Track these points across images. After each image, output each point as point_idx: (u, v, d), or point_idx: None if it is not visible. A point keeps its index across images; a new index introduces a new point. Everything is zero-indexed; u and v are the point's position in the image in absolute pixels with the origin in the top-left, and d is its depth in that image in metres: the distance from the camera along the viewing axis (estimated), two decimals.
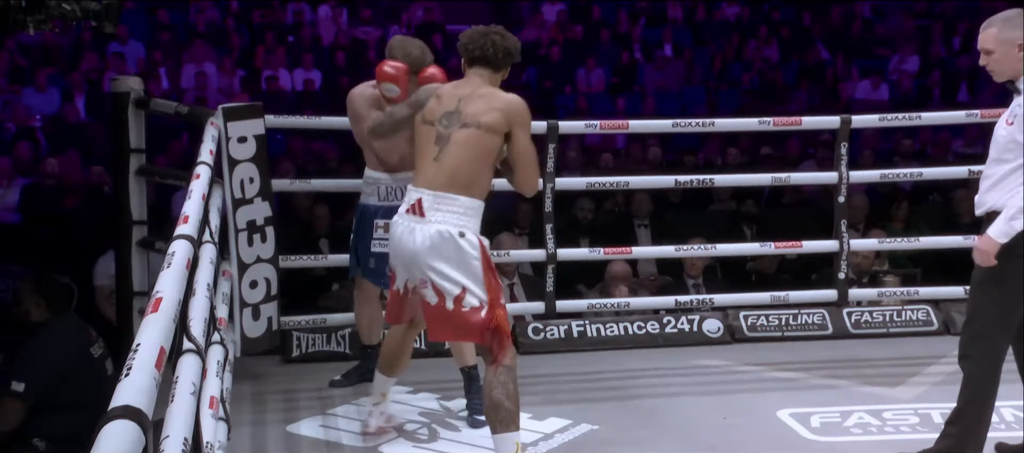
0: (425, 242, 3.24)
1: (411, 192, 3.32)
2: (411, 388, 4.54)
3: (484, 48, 3.37)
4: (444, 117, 3.30)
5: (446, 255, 3.23)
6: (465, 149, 3.25)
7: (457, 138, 3.26)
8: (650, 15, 12.92)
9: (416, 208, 3.26)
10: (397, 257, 3.35)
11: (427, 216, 3.24)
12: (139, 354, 1.64)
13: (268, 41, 11.79)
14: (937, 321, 5.24)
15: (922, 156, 9.73)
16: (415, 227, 3.26)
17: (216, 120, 4.32)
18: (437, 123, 3.31)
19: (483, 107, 3.27)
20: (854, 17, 13.42)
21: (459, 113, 3.28)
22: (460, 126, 3.26)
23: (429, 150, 3.30)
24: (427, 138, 3.32)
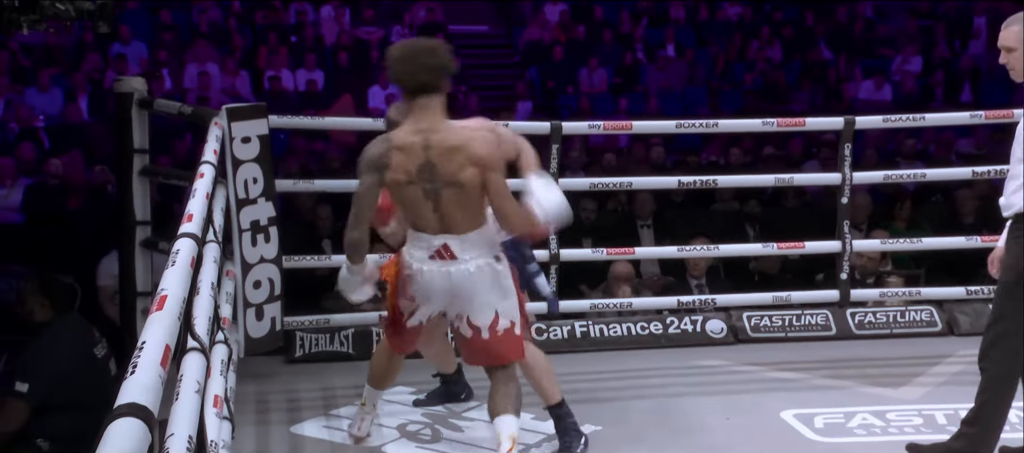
0: (465, 280, 3.26)
1: (429, 239, 3.26)
2: (414, 389, 4.54)
3: (416, 76, 3.16)
4: (420, 172, 3.18)
5: (485, 285, 3.28)
6: (458, 204, 3.21)
7: (446, 196, 3.20)
8: (652, 15, 12.93)
9: (444, 253, 3.24)
10: (427, 296, 3.33)
11: (459, 257, 3.25)
12: (144, 352, 1.64)
13: (271, 41, 11.81)
14: (941, 322, 5.23)
15: (925, 156, 9.73)
16: (449, 270, 3.26)
17: (220, 120, 4.32)
18: (417, 181, 3.19)
19: (457, 163, 3.16)
20: (857, 17, 13.42)
21: (434, 167, 3.17)
22: (444, 185, 3.19)
23: (424, 204, 3.22)
24: (415, 196, 3.22)
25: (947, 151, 9.78)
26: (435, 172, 3.17)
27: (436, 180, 3.18)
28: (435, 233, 3.25)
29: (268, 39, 11.87)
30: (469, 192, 3.19)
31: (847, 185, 4.97)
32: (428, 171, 3.17)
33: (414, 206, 3.24)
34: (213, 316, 2.99)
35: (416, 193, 3.20)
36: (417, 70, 3.15)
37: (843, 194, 4.98)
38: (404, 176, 3.19)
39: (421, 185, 3.19)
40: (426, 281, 3.29)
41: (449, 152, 3.16)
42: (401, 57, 3.19)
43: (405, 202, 3.27)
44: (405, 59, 3.18)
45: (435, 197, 3.20)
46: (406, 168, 3.18)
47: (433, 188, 3.19)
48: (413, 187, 3.20)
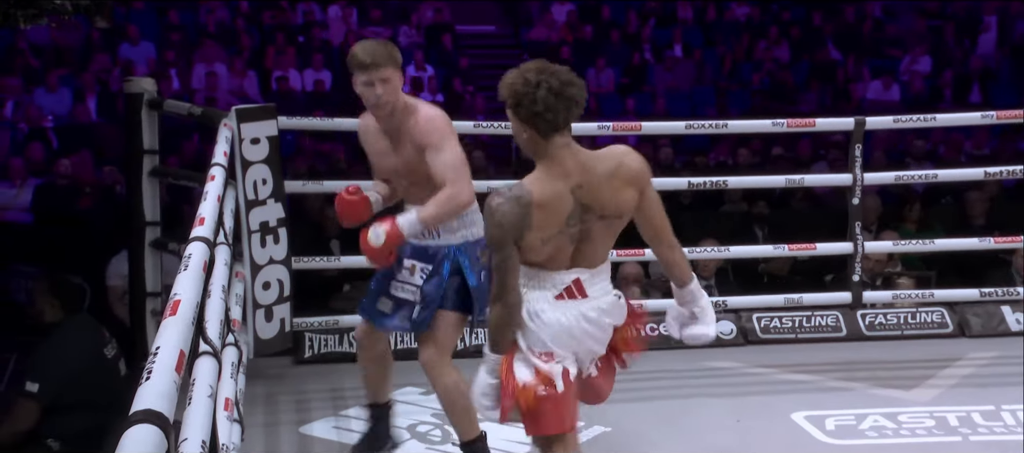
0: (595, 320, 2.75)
1: (553, 277, 2.70)
2: (423, 390, 4.53)
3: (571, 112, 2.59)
4: (569, 220, 2.65)
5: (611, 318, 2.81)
6: (603, 236, 2.72)
7: (598, 229, 2.69)
8: (660, 15, 12.91)
9: (574, 290, 2.70)
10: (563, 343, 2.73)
11: (589, 294, 2.73)
12: (159, 357, 1.64)
13: (278, 41, 11.82)
14: (952, 323, 5.21)
15: (934, 157, 9.70)
16: (580, 310, 2.72)
17: (229, 121, 4.32)
18: (565, 228, 2.65)
19: (612, 189, 2.66)
20: (865, 17, 13.38)
21: (585, 207, 2.64)
22: (597, 219, 2.67)
23: (564, 247, 2.69)
24: (561, 244, 2.68)
25: (957, 152, 9.76)
26: (587, 211, 2.65)
27: (586, 219, 2.66)
28: (565, 269, 2.70)
29: (276, 39, 11.88)
30: (622, 220, 2.73)
31: (858, 186, 4.95)
32: (577, 215, 2.65)
33: (554, 251, 2.69)
34: (224, 319, 2.99)
35: (561, 240, 2.67)
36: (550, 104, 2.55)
37: (854, 195, 4.96)
38: (550, 231, 2.63)
39: (569, 230, 2.66)
40: (558, 329, 2.70)
41: (602, 180, 2.64)
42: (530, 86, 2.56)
43: (545, 250, 2.68)
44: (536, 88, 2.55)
45: (580, 235, 2.68)
46: (553, 223, 2.62)
47: (582, 230, 2.68)
48: (558, 236, 2.65)
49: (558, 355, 2.72)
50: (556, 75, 2.58)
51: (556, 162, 2.62)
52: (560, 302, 2.70)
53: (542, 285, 2.71)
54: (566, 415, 2.77)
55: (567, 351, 2.74)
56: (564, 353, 2.73)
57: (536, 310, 2.70)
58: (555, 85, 2.56)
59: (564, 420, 2.78)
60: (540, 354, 2.70)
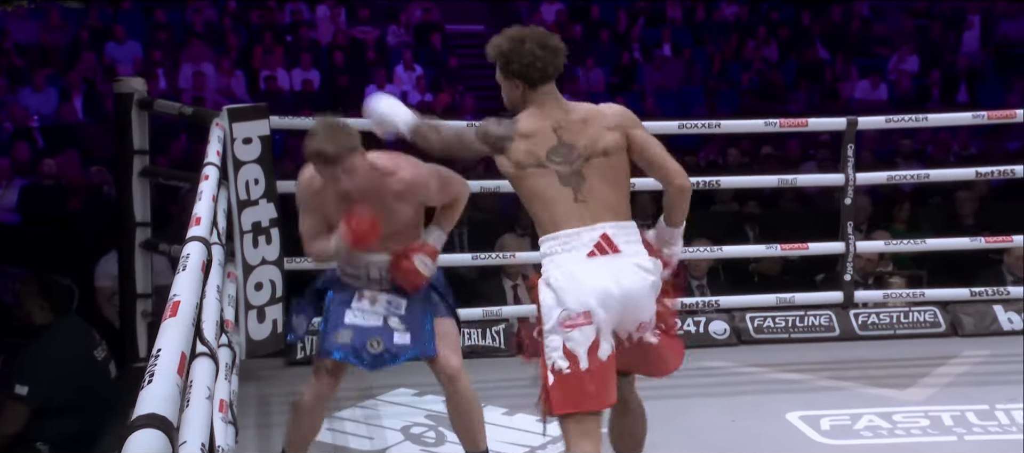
0: (637, 279, 2.71)
1: (580, 233, 2.70)
2: (417, 391, 4.51)
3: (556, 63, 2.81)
4: (550, 154, 2.74)
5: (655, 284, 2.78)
6: (603, 182, 2.74)
7: (591, 175, 2.73)
8: (649, 15, 12.91)
9: (605, 246, 2.68)
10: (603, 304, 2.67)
11: (622, 250, 2.70)
12: (160, 360, 1.61)
13: (266, 41, 11.77)
14: (944, 322, 5.22)
15: (922, 156, 9.73)
16: (621, 265, 2.69)
17: (221, 121, 4.30)
18: (547, 163, 2.74)
19: (593, 133, 2.76)
20: (853, 16, 13.42)
21: (569, 146, 2.75)
22: (583, 160, 2.74)
23: (562, 193, 2.72)
24: (547, 186, 2.74)
25: (945, 152, 9.79)
26: (572, 151, 2.73)
27: (573, 159, 2.73)
28: (585, 223, 2.70)
29: (263, 39, 11.83)
30: (615, 165, 2.75)
31: (851, 186, 4.96)
32: (561, 152, 2.73)
33: (547, 199, 2.73)
34: (219, 320, 2.96)
35: (549, 181, 2.72)
36: (538, 55, 2.77)
37: (847, 195, 4.97)
38: (531, 160, 2.74)
39: (554, 168, 2.72)
40: (594, 286, 2.64)
41: (581, 123, 2.77)
42: (516, 42, 2.79)
43: (534, 195, 2.76)
44: (522, 43, 2.78)
45: (576, 181, 2.72)
46: (533, 152, 2.74)
47: (571, 170, 2.72)
48: (544, 174, 2.72)
49: (596, 316, 2.64)
50: (537, 32, 2.83)
51: (540, 106, 2.81)
52: (593, 260, 2.68)
53: (571, 245, 2.70)
54: (585, 394, 2.67)
55: (607, 312, 2.66)
56: (603, 314, 2.65)
57: (571, 272, 2.67)
58: (539, 38, 2.81)
59: (581, 399, 2.68)
60: (573, 320, 2.64)
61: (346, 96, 11.00)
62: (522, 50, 2.77)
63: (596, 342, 2.65)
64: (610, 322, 2.68)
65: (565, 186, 2.72)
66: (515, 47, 2.79)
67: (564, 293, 2.67)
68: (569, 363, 2.66)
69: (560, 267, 2.70)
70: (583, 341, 2.65)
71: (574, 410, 2.69)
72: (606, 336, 2.68)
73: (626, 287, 2.68)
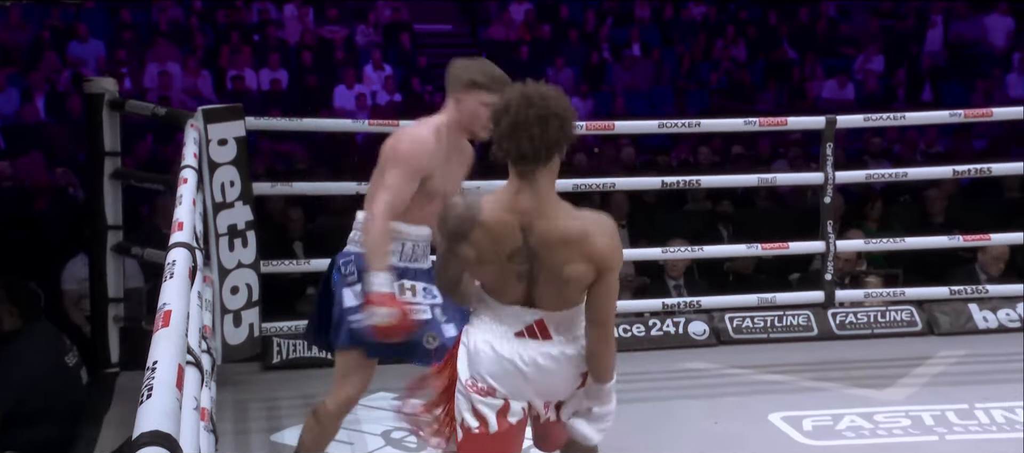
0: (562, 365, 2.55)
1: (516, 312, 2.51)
2: (397, 395, 4.44)
3: (521, 148, 2.38)
4: (513, 256, 2.47)
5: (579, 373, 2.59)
6: (561, 291, 2.50)
7: (545, 279, 2.48)
8: (617, 14, 12.91)
9: (536, 331, 2.52)
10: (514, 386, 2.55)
11: (554, 338, 2.54)
12: (158, 374, 1.55)
13: (233, 40, 11.65)
14: (921, 322, 5.24)
15: (889, 155, 9.80)
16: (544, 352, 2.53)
17: (196, 122, 4.22)
18: (507, 262, 2.48)
19: (565, 257, 2.44)
20: (819, 16, 13.50)
21: (533, 254, 2.46)
22: (544, 271, 2.47)
23: (511, 281, 2.51)
24: (501, 273, 2.50)
25: (913, 150, 9.87)
26: (535, 260, 2.46)
27: (534, 267, 2.48)
28: (524, 305, 2.52)
29: (230, 38, 11.70)
30: (572, 286, 2.49)
31: (830, 185, 4.96)
32: (524, 257, 2.47)
33: (499, 283, 2.53)
34: (200, 327, 2.90)
35: (505, 272, 2.50)
36: (520, 140, 2.37)
37: (826, 194, 4.97)
38: (487, 257, 2.48)
39: (513, 266, 2.48)
40: (508, 367, 2.52)
41: (557, 245, 2.44)
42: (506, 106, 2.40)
43: (487, 278, 2.56)
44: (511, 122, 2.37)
45: (529, 278, 2.49)
46: (493, 250, 2.47)
47: (527, 270, 2.48)
48: (500, 267, 2.49)
49: (499, 393, 2.53)
50: (529, 107, 2.37)
51: (514, 192, 2.45)
52: (520, 340, 2.52)
53: (502, 318, 2.53)
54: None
55: (516, 393, 2.54)
56: (508, 392, 2.53)
57: (489, 341, 2.53)
58: (514, 116, 2.37)
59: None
60: (480, 388, 2.53)
61: (315, 96, 10.91)
62: (500, 123, 2.39)
63: (505, 407, 2.55)
64: (520, 396, 2.56)
65: (519, 281, 2.49)
66: (497, 117, 2.41)
67: (479, 360, 2.53)
68: (478, 424, 2.55)
69: (483, 333, 2.54)
70: (493, 404, 2.54)
71: None
72: (516, 402, 2.56)
73: (541, 372, 2.53)
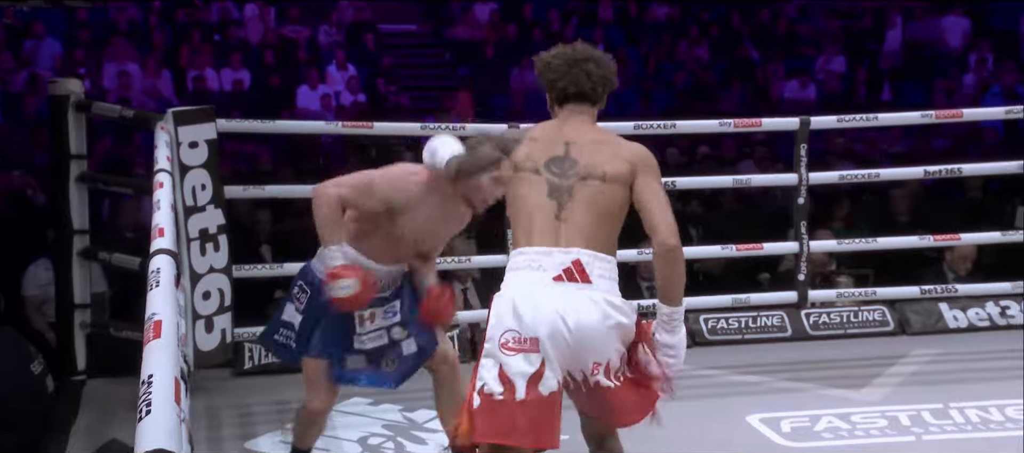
0: (597, 316, 2.48)
1: (550, 253, 2.49)
2: (372, 400, 4.41)
3: (578, 82, 2.66)
4: (552, 163, 2.58)
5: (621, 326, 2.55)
6: (590, 207, 2.54)
7: (580, 194, 2.54)
8: (582, 14, 12.90)
9: (575, 272, 2.46)
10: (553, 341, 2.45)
11: (594, 282, 2.48)
12: (155, 388, 1.50)
13: (193, 40, 11.49)
14: (892, 321, 5.28)
15: (850, 155, 9.87)
16: (580, 297, 2.47)
17: (166, 124, 4.14)
18: (543, 170, 2.57)
19: (604, 154, 2.59)
20: (780, 17, 13.58)
21: (572, 161, 2.58)
22: (579, 178, 2.55)
23: (544, 204, 2.53)
24: (534, 188, 2.56)
25: (874, 150, 9.95)
26: (573, 166, 2.57)
27: (569, 174, 2.56)
28: (559, 244, 2.50)
29: (190, 37, 11.54)
30: (610, 194, 2.55)
31: (804, 186, 4.98)
32: (561, 164, 2.58)
33: (529, 208, 2.55)
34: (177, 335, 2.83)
35: (536, 189, 2.55)
36: (578, 76, 2.66)
37: (800, 195, 4.98)
38: (528, 163, 2.60)
39: (546, 177, 2.56)
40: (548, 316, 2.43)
41: (594, 144, 2.61)
42: (560, 57, 2.70)
43: (518, 200, 2.59)
44: (566, 61, 2.68)
45: (562, 196, 2.54)
46: (533, 157, 2.60)
47: (562, 185, 2.55)
48: (535, 180, 2.56)
49: (544, 347, 2.42)
50: (584, 51, 2.71)
51: (563, 121, 2.70)
52: (558, 285, 2.45)
53: (540, 264, 2.48)
54: (514, 425, 2.43)
55: (555, 348, 2.42)
56: (551, 348, 2.42)
57: (531, 292, 2.45)
58: (569, 56, 2.69)
59: (509, 430, 2.44)
60: (518, 341, 2.43)
61: (278, 96, 10.79)
62: (552, 65, 2.71)
63: (539, 373, 2.43)
64: (559, 358, 2.45)
65: (551, 199, 2.55)
66: (549, 61, 2.72)
67: (518, 312, 2.45)
68: (503, 389, 2.42)
69: (522, 285, 2.48)
70: (525, 369, 2.43)
71: (499, 442, 2.45)
72: (553, 370, 2.45)
73: (583, 323, 2.44)
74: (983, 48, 12.31)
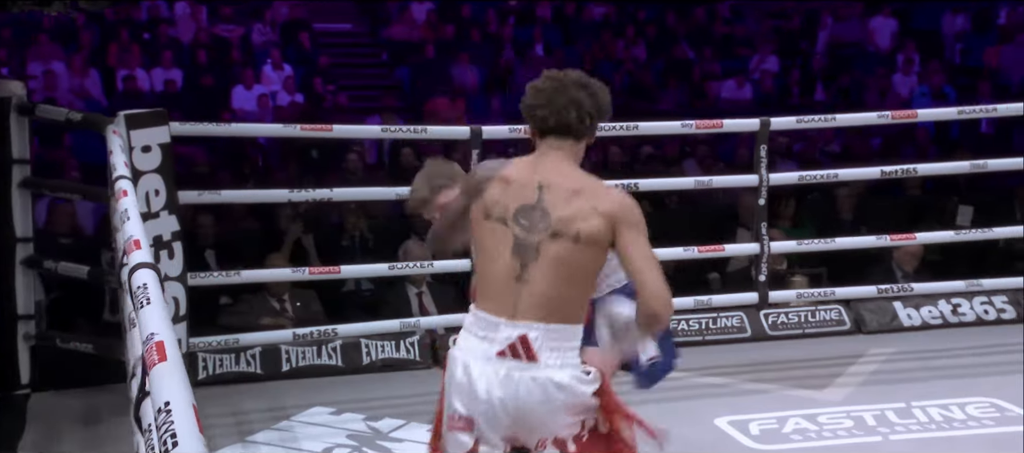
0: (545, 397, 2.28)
1: (498, 325, 2.30)
2: (334, 409, 4.31)
3: (561, 113, 2.37)
4: (520, 214, 2.33)
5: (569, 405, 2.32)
6: (560, 270, 2.29)
7: (547, 253, 2.29)
8: (519, 14, 12.86)
9: (520, 349, 2.27)
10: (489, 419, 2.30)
11: (540, 359, 2.27)
12: (177, 418, 1.39)
13: (122, 38, 11.18)
14: (849, 320, 5.32)
15: (789, 154, 9.98)
16: (525, 377, 2.27)
17: (118, 128, 3.98)
18: (511, 222, 2.33)
19: (578, 208, 2.31)
20: (716, 17, 13.70)
21: (544, 211, 2.32)
22: (549, 235, 2.30)
23: (507, 262, 2.31)
24: (499, 242, 2.33)
25: (813, 149, 10.07)
26: (543, 218, 2.32)
27: (538, 228, 2.31)
28: (512, 317, 2.29)
29: (119, 36, 11.23)
30: (581, 257, 2.30)
31: (764, 186, 4.98)
32: (531, 215, 2.32)
33: (491, 256, 2.35)
34: None
35: (502, 242, 2.33)
36: (566, 107, 2.37)
37: (760, 195, 4.99)
38: (496, 210, 2.35)
39: (514, 230, 2.32)
40: (483, 396, 2.28)
41: (570, 194, 2.33)
42: (550, 83, 2.41)
43: (482, 250, 2.39)
44: (554, 87, 2.40)
45: (527, 254, 2.30)
46: (503, 203, 2.35)
47: (529, 242, 2.31)
48: (501, 231, 2.33)
49: (478, 426, 2.28)
50: (568, 75, 2.44)
51: (539, 157, 2.41)
52: (501, 361, 2.27)
53: (485, 334, 2.30)
54: None
55: (491, 424, 2.28)
56: (486, 427, 2.28)
57: (468, 366, 2.29)
58: (557, 80, 2.41)
59: None
60: (457, 419, 2.30)
61: (213, 96, 10.56)
62: (537, 88, 2.42)
63: (473, 451, 2.33)
64: (500, 433, 2.31)
65: (515, 257, 2.31)
66: (534, 85, 2.44)
67: (460, 385, 2.31)
68: None
69: (468, 352, 2.32)
70: (463, 445, 2.32)
71: None
72: (492, 445, 2.33)
73: (522, 406, 2.26)
74: (909, 48, 12.56)
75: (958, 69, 12.89)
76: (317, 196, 4.66)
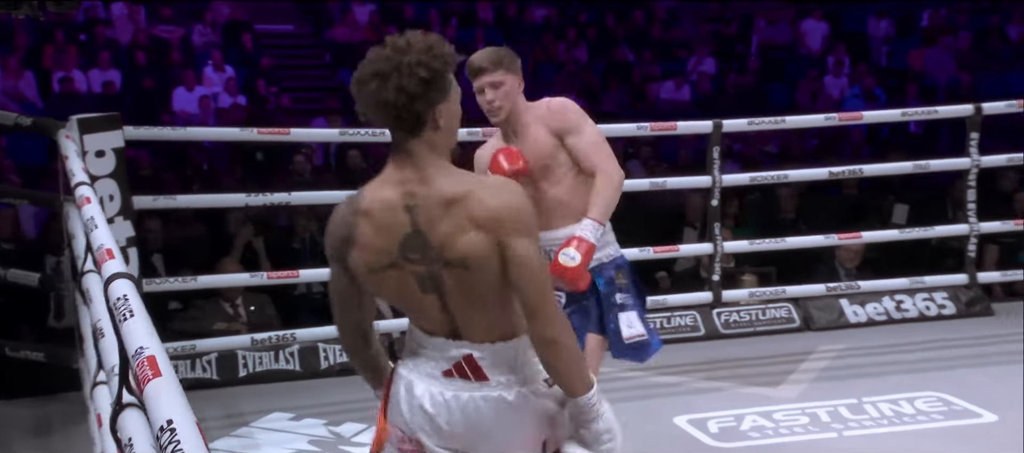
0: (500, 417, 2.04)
1: (442, 346, 2.03)
2: (293, 414, 4.29)
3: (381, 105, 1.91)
4: (404, 248, 1.96)
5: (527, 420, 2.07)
6: (471, 297, 1.98)
7: (451, 283, 1.97)
8: (461, 15, 12.86)
9: (466, 369, 2.02)
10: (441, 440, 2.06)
11: (489, 378, 2.03)
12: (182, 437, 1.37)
13: (58, 39, 10.96)
14: (798, 318, 5.42)
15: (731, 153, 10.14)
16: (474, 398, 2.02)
17: (70, 132, 3.91)
18: (401, 261, 1.97)
19: (456, 222, 1.93)
20: (654, 20, 13.84)
21: (423, 236, 1.95)
22: (442, 264, 1.96)
23: (423, 299, 2.00)
24: (403, 286, 2.00)
25: (753, 149, 10.23)
26: (428, 247, 1.95)
27: (430, 257, 1.95)
28: (450, 337, 2.03)
29: (54, 37, 11.00)
30: (481, 280, 1.96)
31: (717, 187, 5.06)
32: (416, 244, 1.95)
33: (408, 301, 2.02)
34: None
35: (406, 283, 1.98)
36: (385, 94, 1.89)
37: (714, 196, 5.07)
38: (380, 258, 1.97)
39: (409, 269, 1.97)
40: (430, 417, 2.03)
41: (443, 206, 1.94)
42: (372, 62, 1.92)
43: (392, 296, 2.07)
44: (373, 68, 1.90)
45: (438, 285, 1.98)
46: (381, 246, 1.96)
47: (430, 273, 1.96)
48: (398, 274, 1.97)
49: (427, 447, 2.05)
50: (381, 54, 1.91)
51: (397, 165, 1.97)
52: (449, 380, 2.03)
53: (429, 353, 2.04)
54: None
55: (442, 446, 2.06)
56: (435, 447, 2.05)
57: (412, 384, 2.05)
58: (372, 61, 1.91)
59: None
60: (404, 439, 2.07)
61: (153, 98, 10.39)
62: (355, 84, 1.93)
63: None
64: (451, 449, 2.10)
65: (426, 293, 1.99)
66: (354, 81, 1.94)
67: (399, 408, 2.08)
68: None
69: (415, 369, 2.06)
70: None
71: None
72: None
73: (472, 426, 2.04)
74: (840, 51, 12.82)
75: (885, 71, 13.20)
76: (274, 200, 4.63)
